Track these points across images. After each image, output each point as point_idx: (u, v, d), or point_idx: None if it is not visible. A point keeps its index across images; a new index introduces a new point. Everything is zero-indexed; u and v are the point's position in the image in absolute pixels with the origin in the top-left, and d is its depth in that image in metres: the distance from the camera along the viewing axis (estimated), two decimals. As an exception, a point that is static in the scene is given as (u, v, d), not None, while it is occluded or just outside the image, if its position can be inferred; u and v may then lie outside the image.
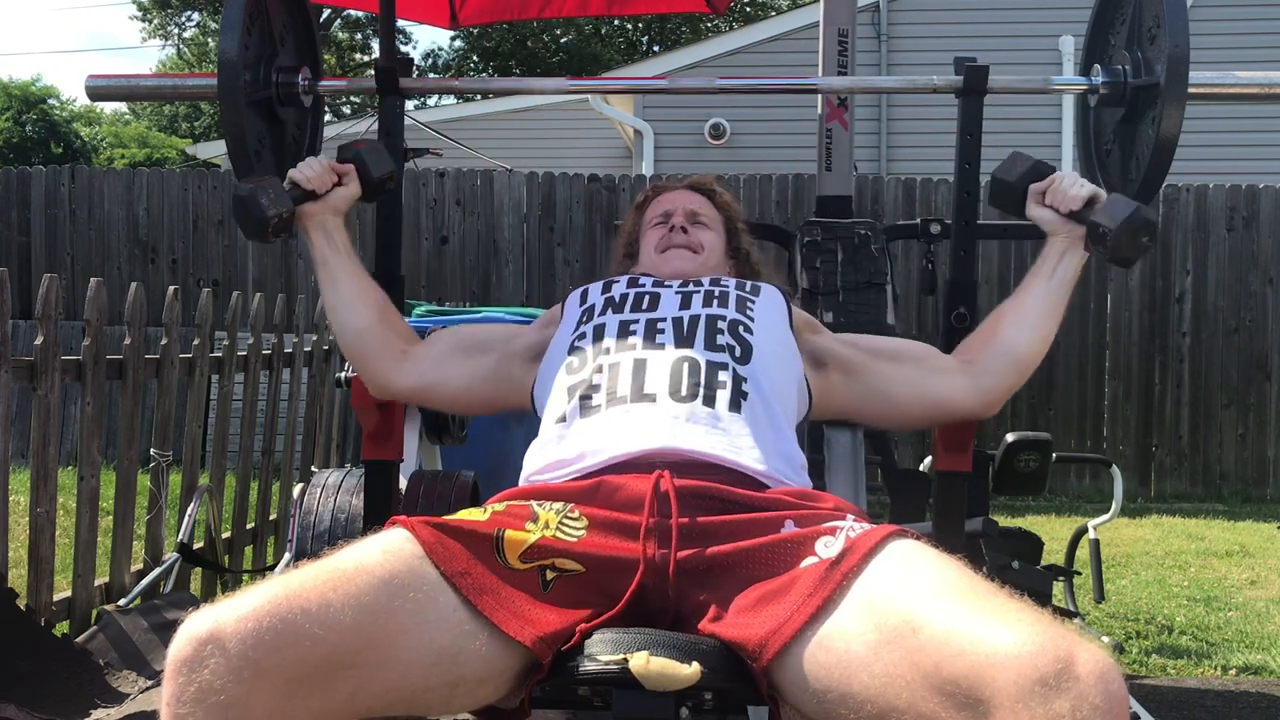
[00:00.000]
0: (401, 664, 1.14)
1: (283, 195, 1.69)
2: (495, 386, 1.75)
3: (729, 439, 1.42)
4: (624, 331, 1.58)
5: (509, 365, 1.74)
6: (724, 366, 1.51)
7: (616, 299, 1.67)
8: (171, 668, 1.06)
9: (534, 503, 1.35)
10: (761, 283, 1.78)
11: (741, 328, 1.58)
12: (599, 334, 1.59)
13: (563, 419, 1.50)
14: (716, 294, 1.66)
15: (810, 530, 1.28)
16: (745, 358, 1.53)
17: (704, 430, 1.42)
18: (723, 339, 1.55)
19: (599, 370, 1.52)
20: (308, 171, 1.75)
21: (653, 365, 1.50)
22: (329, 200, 1.76)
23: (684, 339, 1.54)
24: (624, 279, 1.76)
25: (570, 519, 1.32)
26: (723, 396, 1.46)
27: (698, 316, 1.59)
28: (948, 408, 1.71)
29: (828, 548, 1.24)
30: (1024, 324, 1.69)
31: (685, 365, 1.50)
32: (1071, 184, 1.69)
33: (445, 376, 1.75)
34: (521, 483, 1.49)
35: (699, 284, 1.70)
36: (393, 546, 1.21)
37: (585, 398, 1.49)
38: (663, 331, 1.56)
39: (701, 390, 1.46)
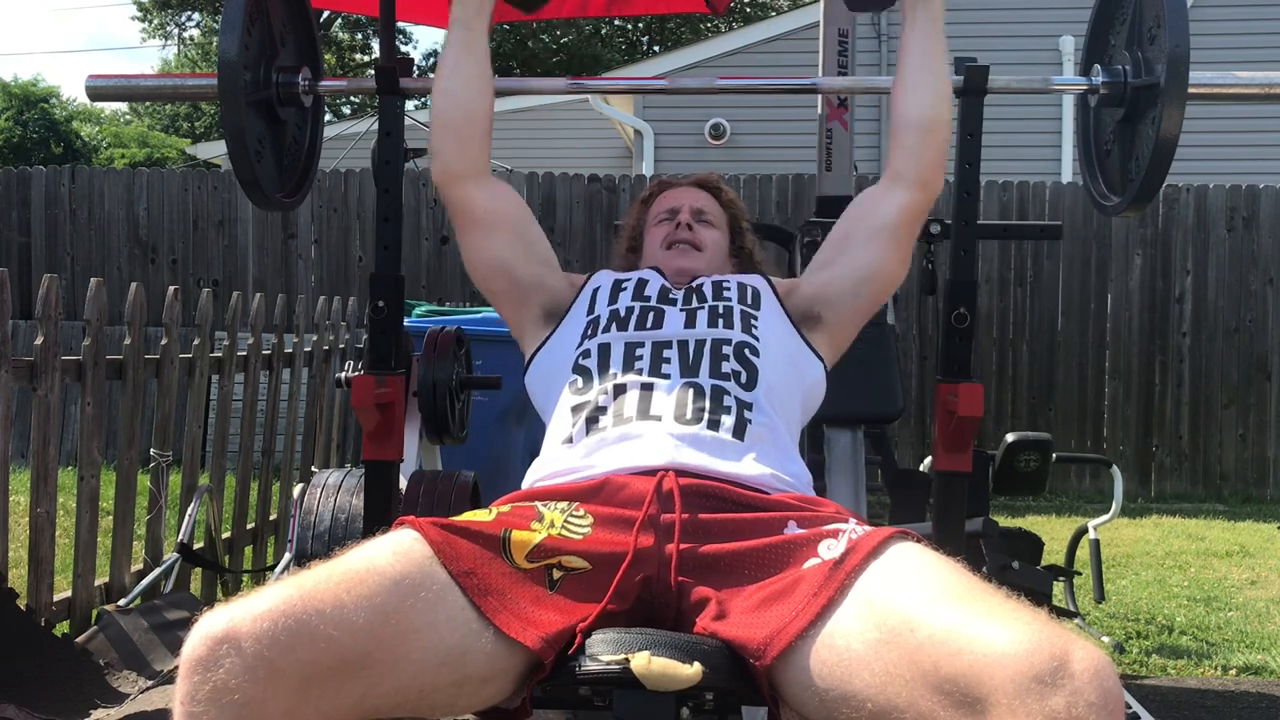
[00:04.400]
0: (412, 664, 1.14)
1: None
2: (510, 285, 1.79)
3: (733, 462, 1.43)
4: (630, 355, 1.58)
5: (530, 292, 1.77)
6: (728, 393, 1.51)
7: (622, 313, 1.66)
8: (186, 667, 1.06)
9: (539, 503, 1.36)
10: (750, 279, 1.76)
11: (748, 349, 1.58)
12: (604, 355, 1.59)
13: (569, 440, 1.50)
14: (721, 311, 1.65)
15: (813, 532, 1.29)
16: (751, 383, 1.54)
17: (708, 453, 1.42)
18: (728, 365, 1.55)
19: (605, 393, 1.52)
20: None
21: (659, 392, 1.51)
22: None
23: (689, 367, 1.55)
24: (633, 280, 1.75)
25: (575, 517, 1.32)
26: (727, 422, 1.47)
27: (703, 341, 1.59)
28: (902, 220, 1.72)
29: (830, 549, 1.25)
30: (911, 89, 1.74)
31: (691, 392, 1.50)
32: None
33: (496, 225, 1.80)
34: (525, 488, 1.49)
35: (704, 298, 1.69)
36: (403, 547, 1.22)
37: (592, 420, 1.50)
38: (669, 360, 1.56)
39: (706, 416, 1.47)
